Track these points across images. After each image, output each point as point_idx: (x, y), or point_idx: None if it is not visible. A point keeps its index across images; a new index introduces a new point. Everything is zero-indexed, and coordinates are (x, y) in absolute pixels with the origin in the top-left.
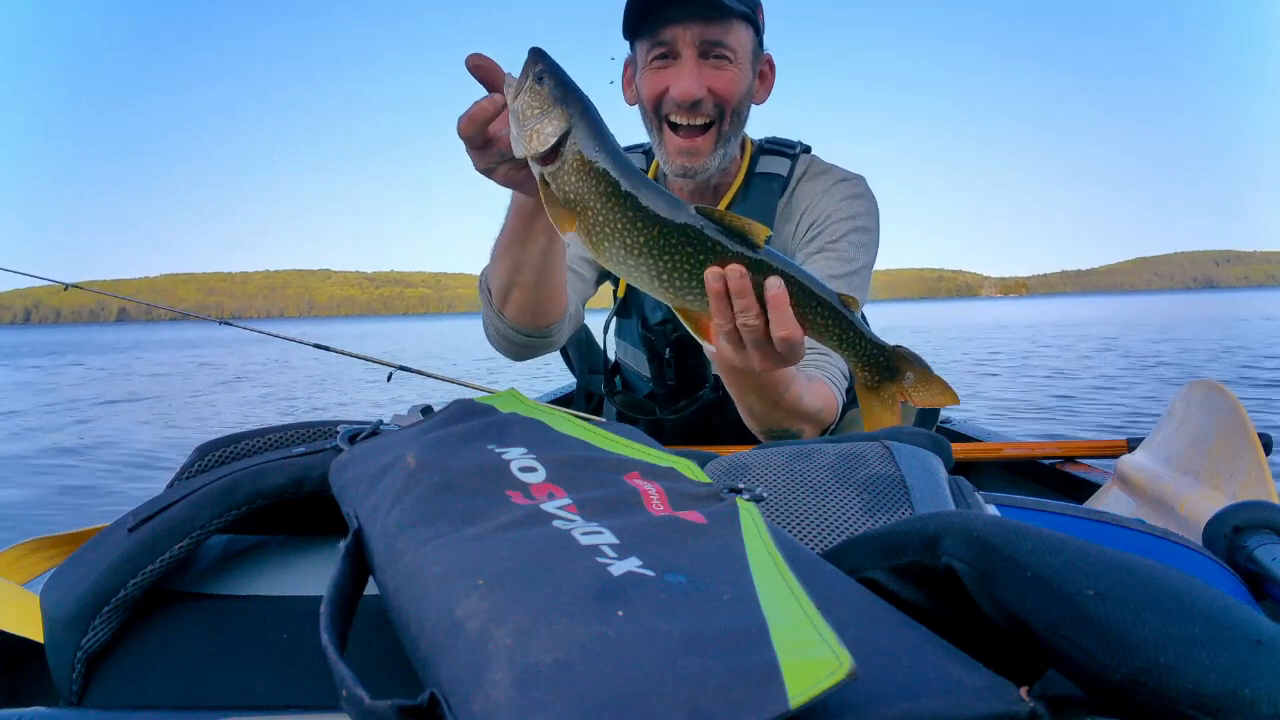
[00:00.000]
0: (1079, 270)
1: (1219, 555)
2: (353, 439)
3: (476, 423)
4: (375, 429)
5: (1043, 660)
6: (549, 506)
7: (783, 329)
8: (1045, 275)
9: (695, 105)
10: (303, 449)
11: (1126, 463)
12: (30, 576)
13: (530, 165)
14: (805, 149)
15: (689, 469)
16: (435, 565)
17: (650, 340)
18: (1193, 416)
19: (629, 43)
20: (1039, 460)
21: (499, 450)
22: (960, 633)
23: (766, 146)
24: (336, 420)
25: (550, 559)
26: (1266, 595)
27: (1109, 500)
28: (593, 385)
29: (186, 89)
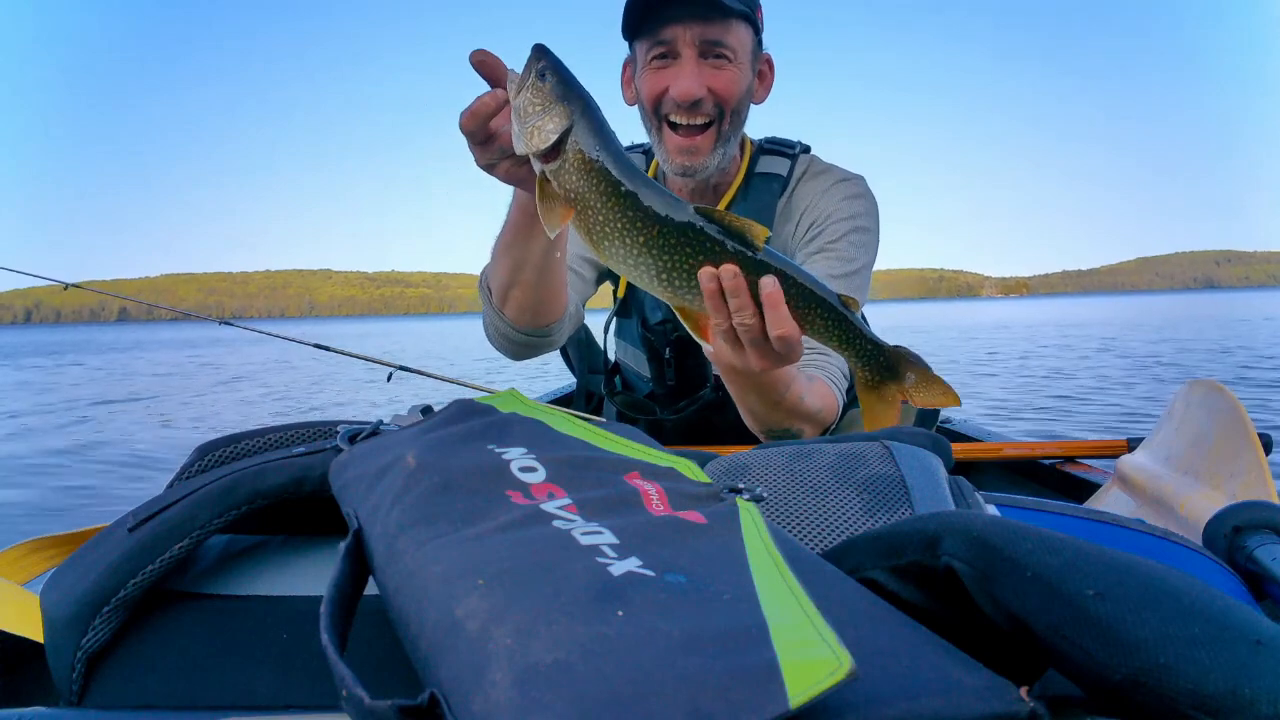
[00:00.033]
0: (1080, 270)
1: (1219, 555)
2: (353, 439)
3: (476, 423)
4: (375, 429)
5: (1043, 660)
6: (549, 506)
7: (779, 327)
8: (1046, 275)
9: (695, 105)
10: (303, 449)
11: (1126, 463)
12: (30, 576)
13: (531, 162)
14: (805, 149)
15: (689, 469)
16: (435, 565)
17: (650, 340)
18: (1193, 416)
19: (628, 43)
20: (1039, 460)
21: (499, 450)
22: (960, 633)
23: (766, 146)
24: (336, 420)
25: (550, 559)
26: (1266, 595)
27: (1109, 500)
28: (593, 385)
29: (186, 89)
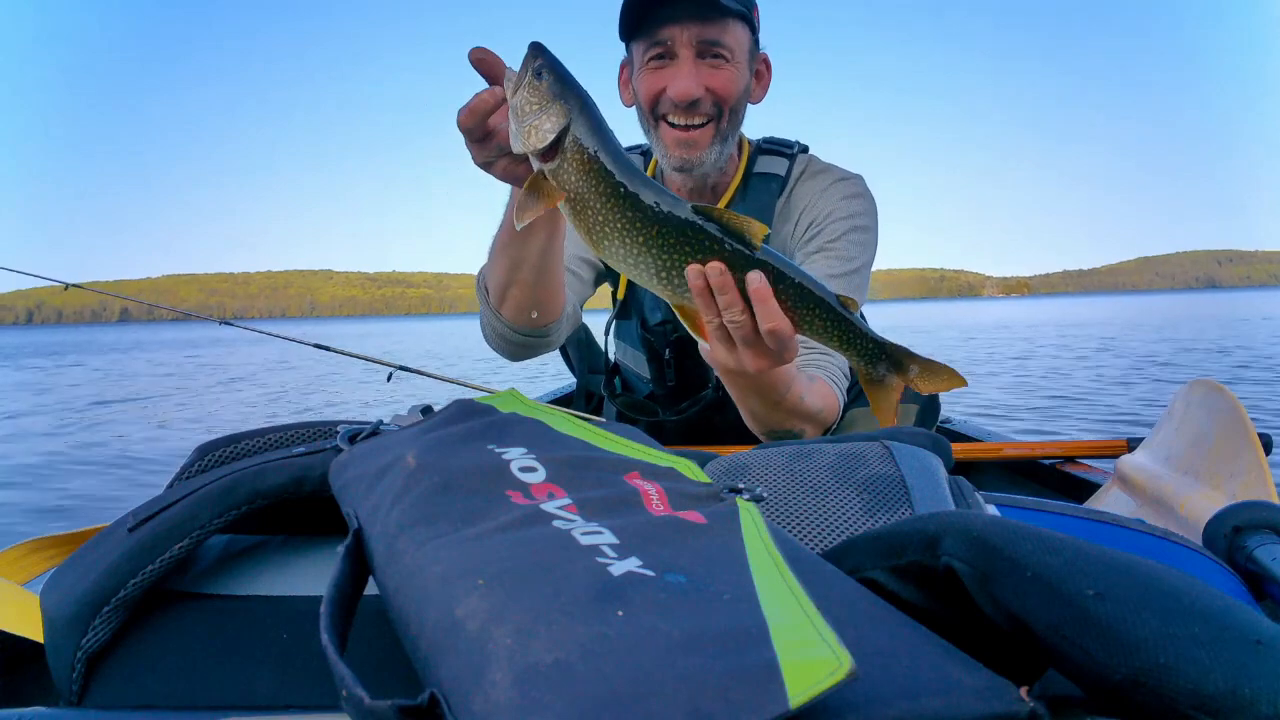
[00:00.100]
0: (1081, 270)
1: (1219, 555)
2: (353, 439)
3: (476, 423)
4: (375, 429)
5: (1043, 660)
6: (549, 506)
7: (768, 321)
8: (1047, 275)
9: (693, 105)
10: (303, 449)
11: (1126, 463)
12: (30, 576)
13: (530, 161)
14: (803, 149)
15: (689, 469)
16: (435, 565)
17: (650, 341)
18: (1193, 416)
19: (625, 44)
20: (1039, 460)
21: (499, 450)
22: (960, 633)
23: (764, 146)
24: (336, 420)
25: (550, 559)
26: (1266, 595)
27: (1109, 500)
28: (593, 385)
29: (186, 89)
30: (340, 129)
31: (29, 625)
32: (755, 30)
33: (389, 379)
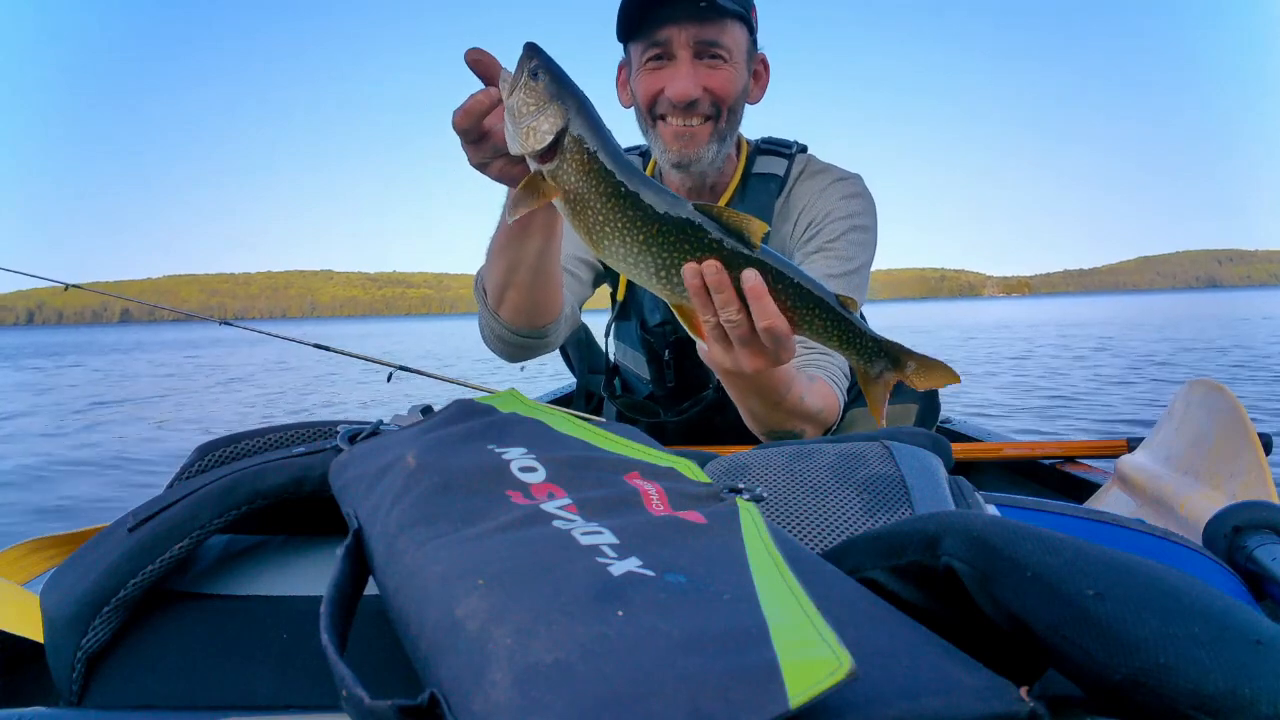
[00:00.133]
0: (1081, 270)
1: (1219, 555)
2: (353, 439)
3: (476, 423)
4: (375, 429)
5: (1043, 660)
6: (549, 506)
7: (764, 319)
8: (1048, 275)
9: (691, 105)
10: (303, 449)
11: (1126, 463)
12: (30, 576)
13: (528, 162)
14: (802, 149)
15: (689, 469)
16: (435, 565)
17: (649, 342)
18: (1193, 416)
19: (623, 45)
20: (1039, 460)
21: (499, 450)
22: (960, 633)
23: (763, 147)
24: (336, 420)
25: (550, 559)
26: (1266, 595)
27: (1109, 500)
28: (593, 385)
29: (186, 89)
30: (340, 129)
31: (29, 625)
32: (753, 30)
33: (389, 379)
